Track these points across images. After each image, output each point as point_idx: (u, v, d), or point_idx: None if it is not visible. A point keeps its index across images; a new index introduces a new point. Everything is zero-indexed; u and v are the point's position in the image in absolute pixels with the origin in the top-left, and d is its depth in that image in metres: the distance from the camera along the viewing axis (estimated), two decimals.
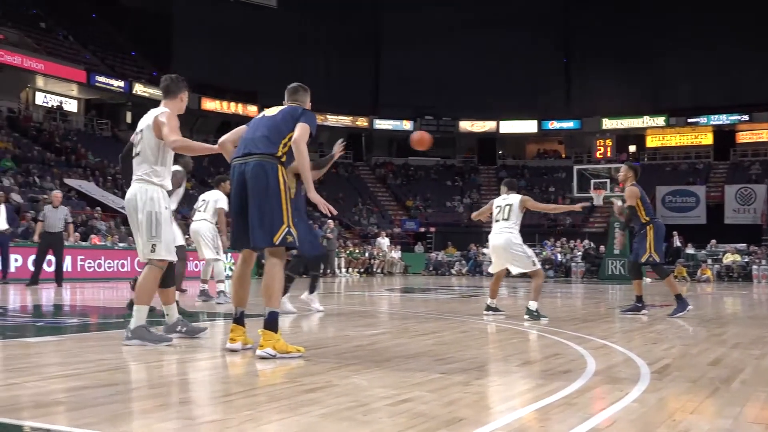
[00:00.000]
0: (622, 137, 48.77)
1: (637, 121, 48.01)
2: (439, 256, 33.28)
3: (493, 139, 51.09)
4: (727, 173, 44.53)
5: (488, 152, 50.72)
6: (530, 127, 50.12)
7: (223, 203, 10.96)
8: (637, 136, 48.93)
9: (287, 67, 41.06)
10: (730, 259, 27.59)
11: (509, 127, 50.11)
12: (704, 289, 20.51)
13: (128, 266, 19.86)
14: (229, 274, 11.98)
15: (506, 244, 9.07)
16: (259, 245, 5.32)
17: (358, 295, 10.20)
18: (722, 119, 46.46)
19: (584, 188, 28.11)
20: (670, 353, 5.87)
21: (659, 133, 48.48)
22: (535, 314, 8.69)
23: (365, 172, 48.79)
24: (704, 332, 7.67)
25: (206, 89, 42.51)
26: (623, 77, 47.32)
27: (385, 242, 31.68)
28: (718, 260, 28.14)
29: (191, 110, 36.77)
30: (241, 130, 5.65)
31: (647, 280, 19.71)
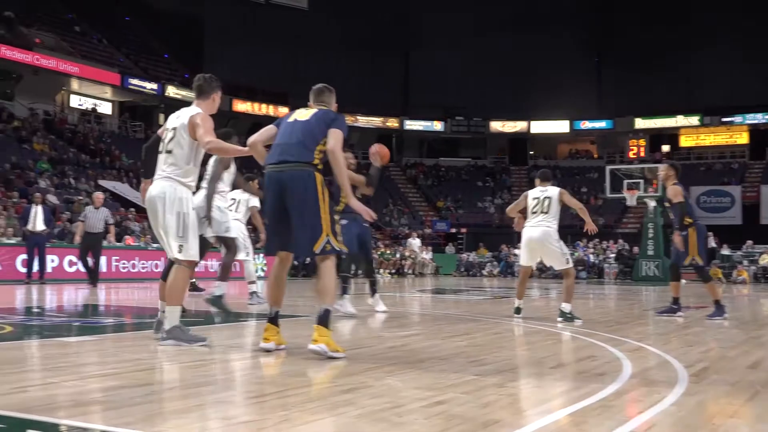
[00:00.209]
0: (655, 137, 48.23)
1: (670, 120, 47.47)
2: (470, 257, 33.17)
3: (524, 139, 50.83)
4: (763, 173, 43.81)
5: (519, 152, 50.47)
6: (562, 127, 49.79)
7: (255, 202, 10.93)
8: (670, 135, 48.34)
9: (318, 68, 41.14)
10: (766, 260, 27.17)
11: (540, 127, 49.83)
12: (740, 290, 20.21)
13: (162, 267, 20.03)
14: (260, 274, 12.06)
15: (544, 237, 8.76)
16: (301, 254, 5.35)
17: (389, 296, 10.17)
18: (758, 118, 45.72)
19: (617, 189, 27.76)
20: (707, 356, 5.80)
21: (693, 132, 47.89)
22: (568, 316, 8.56)
23: (396, 172, 48.78)
24: (742, 335, 7.56)
25: (238, 91, 42.78)
26: (656, 76, 46.72)
27: (416, 243, 31.67)
28: (754, 261, 27.71)
29: (223, 112, 36.94)
30: (270, 130, 5.61)
31: (682, 281, 19.45)
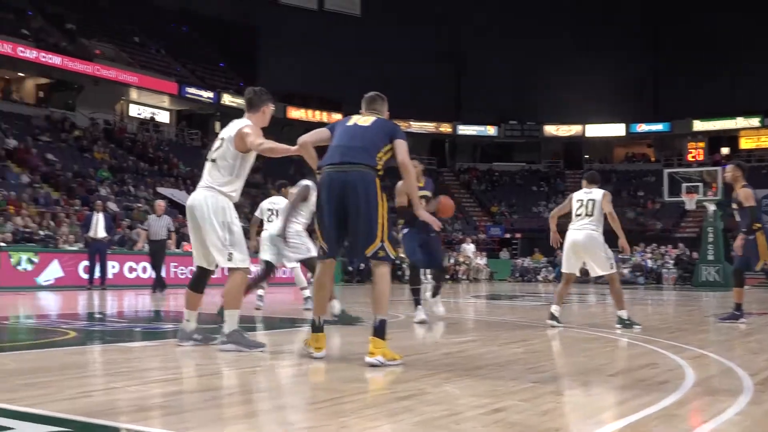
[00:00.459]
0: (714, 139, 47.19)
1: (730, 122, 46.38)
2: (525, 262, 32.90)
3: (579, 143, 50.23)
4: None
5: (574, 157, 49.84)
6: (617, 130, 49.07)
7: None
8: (730, 137, 47.26)
9: (371, 74, 41.34)
10: None
11: (596, 130, 49.18)
12: None
13: (218, 273, 20.32)
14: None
15: (588, 240, 8.48)
16: (355, 257, 5.36)
17: (444, 302, 10.15)
18: None
19: (675, 192, 27.27)
20: None
21: (754, 134, 46.72)
22: (627, 323, 8.37)
23: (449, 178, 48.65)
24: None
25: (292, 98, 43.24)
26: (714, 76, 45.76)
27: (470, 248, 31.53)
28: None
29: (277, 119, 37.31)
30: (322, 132, 5.60)
31: (746, 287, 18.98)
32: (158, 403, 3.85)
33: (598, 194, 8.61)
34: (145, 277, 18.83)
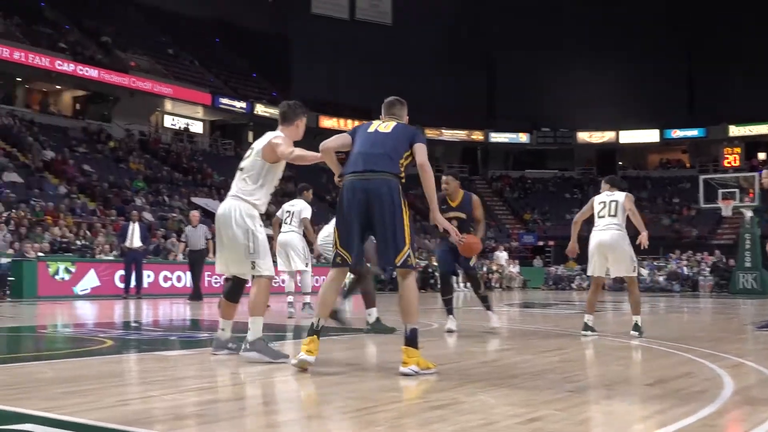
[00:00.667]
0: (750, 144, 46.51)
1: (767, 127, 45.68)
2: (558, 270, 32.63)
3: (612, 149, 49.80)
4: None
5: (608, 163, 49.30)
6: (652, 136, 48.57)
7: (307, 213, 11.17)
8: (767, 143, 46.58)
9: (402, 82, 41.37)
10: None
11: (629, 137, 48.74)
12: None
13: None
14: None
15: (614, 240, 8.30)
16: (384, 265, 5.33)
17: (477, 310, 10.09)
18: None
19: (711, 199, 26.91)
20: None
21: None
22: (641, 330, 8.20)
23: (481, 185, 48.48)
24: None
25: (324, 107, 43.45)
26: (751, 81, 45.09)
27: (503, 256, 31.38)
28: None
29: (309, 128, 37.23)
30: (344, 138, 5.58)
31: None
32: (194, 411, 3.88)
33: (620, 196, 8.54)
34: (179, 286, 19.02)
